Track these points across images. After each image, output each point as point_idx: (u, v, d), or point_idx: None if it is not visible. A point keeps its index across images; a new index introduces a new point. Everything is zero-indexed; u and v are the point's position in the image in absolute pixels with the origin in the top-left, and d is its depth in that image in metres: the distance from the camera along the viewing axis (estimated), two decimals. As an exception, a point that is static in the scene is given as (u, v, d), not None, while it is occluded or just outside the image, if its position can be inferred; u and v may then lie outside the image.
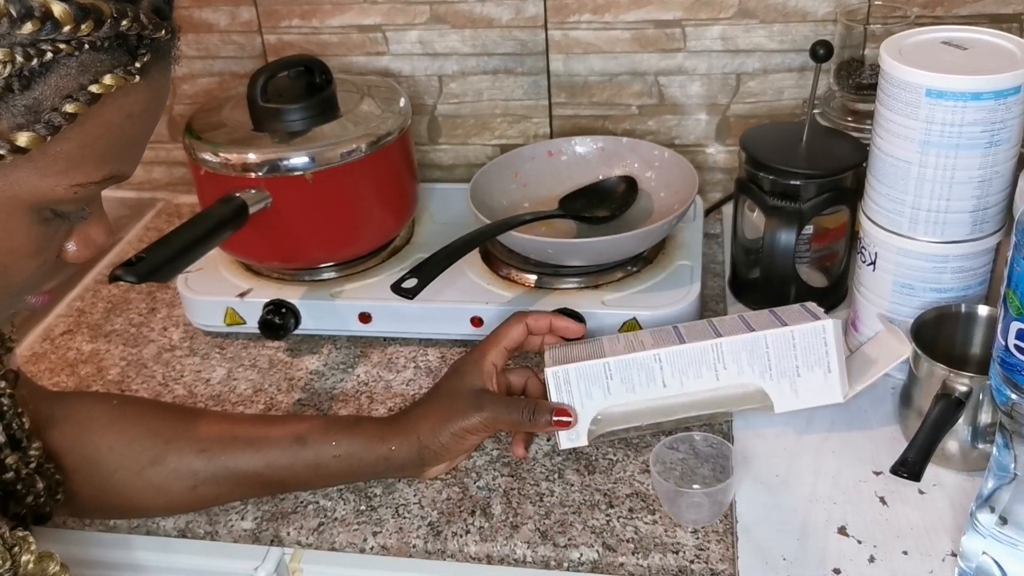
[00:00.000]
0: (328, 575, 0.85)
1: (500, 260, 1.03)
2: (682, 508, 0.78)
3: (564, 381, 0.80)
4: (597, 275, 1.00)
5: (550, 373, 0.80)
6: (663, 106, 1.17)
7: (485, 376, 0.82)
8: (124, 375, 1.01)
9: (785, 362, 0.80)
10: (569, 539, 0.78)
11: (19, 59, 0.48)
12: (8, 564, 0.59)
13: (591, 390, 0.80)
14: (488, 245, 1.05)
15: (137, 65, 0.52)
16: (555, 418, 0.80)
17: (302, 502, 0.84)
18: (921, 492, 0.79)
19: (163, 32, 0.54)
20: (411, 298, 0.88)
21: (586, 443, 0.82)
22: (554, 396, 0.81)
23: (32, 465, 0.71)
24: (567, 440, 0.82)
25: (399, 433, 0.81)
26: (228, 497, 0.83)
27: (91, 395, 0.94)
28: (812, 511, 0.78)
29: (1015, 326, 0.60)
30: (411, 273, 0.90)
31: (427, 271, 0.90)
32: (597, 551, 0.77)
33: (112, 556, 0.88)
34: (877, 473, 0.81)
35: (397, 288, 0.89)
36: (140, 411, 0.83)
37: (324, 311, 1.01)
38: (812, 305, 0.84)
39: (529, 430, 0.83)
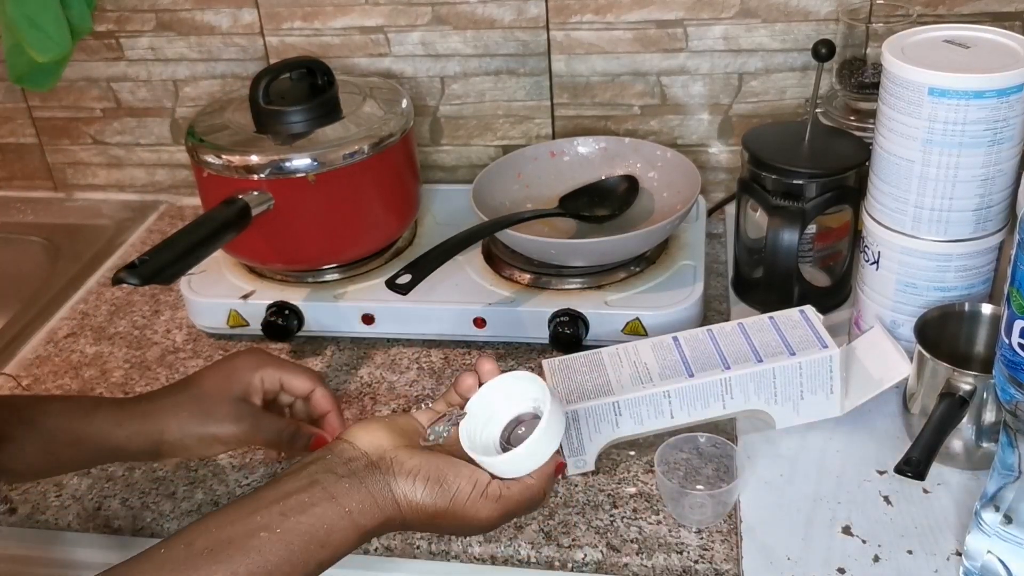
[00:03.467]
0: (332, 576, 0.85)
1: (502, 261, 1.03)
2: (685, 508, 0.78)
3: (572, 420, 0.80)
4: (600, 275, 1.00)
5: None
6: (665, 106, 1.17)
7: (251, 388, 0.77)
8: (128, 377, 1.01)
9: (790, 388, 0.81)
10: (573, 540, 0.78)
11: None
12: None
13: (600, 426, 0.81)
14: (490, 246, 1.05)
15: None
16: (312, 444, 0.76)
17: (306, 503, 0.83)
18: (925, 491, 0.79)
19: None
20: (405, 294, 0.88)
21: (593, 469, 0.83)
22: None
23: None
24: (575, 467, 0.83)
25: (139, 422, 0.74)
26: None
27: None
28: (816, 510, 0.78)
29: (1019, 324, 0.60)
30: (406, 269, 0.89)
31: (422, 267, 0.90)
32: (601, 551, 0.77)
33: (115, 558, 0.87)
34: (881, 472, 0.81)
35: (391, 284, 0.88)
36: None
37: (327, 312, 1.01)
38: (811, 310, 0.85)
39: (286, 452, 0.78)
